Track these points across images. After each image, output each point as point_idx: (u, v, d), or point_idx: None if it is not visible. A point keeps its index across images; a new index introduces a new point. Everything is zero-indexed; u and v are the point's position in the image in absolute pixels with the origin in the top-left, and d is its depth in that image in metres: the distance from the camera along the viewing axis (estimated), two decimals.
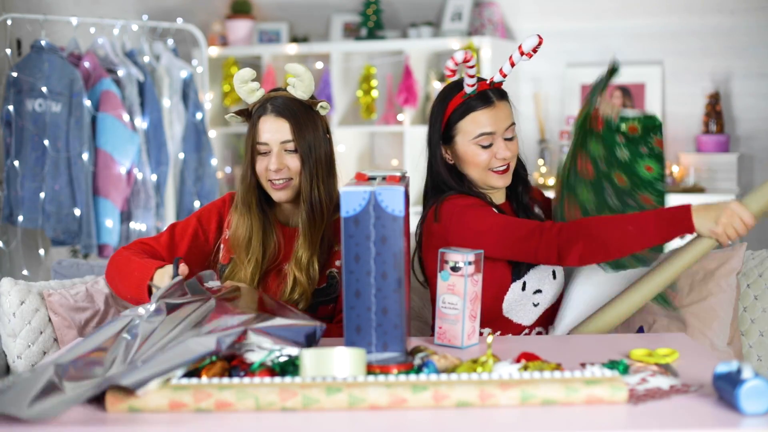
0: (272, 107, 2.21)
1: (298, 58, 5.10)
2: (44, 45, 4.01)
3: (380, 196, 1.69)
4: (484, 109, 2.23)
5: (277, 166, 2.19)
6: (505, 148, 2.24)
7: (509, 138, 2.26)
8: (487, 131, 2.23)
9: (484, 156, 2.24)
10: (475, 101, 2.23)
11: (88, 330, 2.40)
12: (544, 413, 1.46)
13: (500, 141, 2.24)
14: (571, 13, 4.86)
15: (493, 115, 2.23)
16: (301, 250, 2.19)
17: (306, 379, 1.53)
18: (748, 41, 4.61)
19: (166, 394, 1.49)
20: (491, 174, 2.26)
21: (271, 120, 2.20)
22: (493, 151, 2.24)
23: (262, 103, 2.24)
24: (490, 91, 2.24)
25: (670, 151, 4.76)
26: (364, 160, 5.24)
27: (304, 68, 2.21)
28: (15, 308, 2.35)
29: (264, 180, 2.23)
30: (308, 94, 2.24)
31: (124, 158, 4.14)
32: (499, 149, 2.24)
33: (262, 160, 2.22)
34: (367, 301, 1.70)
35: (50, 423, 1.46)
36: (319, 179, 2.22)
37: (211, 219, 2.33)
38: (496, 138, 2.24)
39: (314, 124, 2.23)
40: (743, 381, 1.43)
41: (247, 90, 2.24)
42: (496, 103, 2.23)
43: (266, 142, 2.20)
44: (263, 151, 2.22)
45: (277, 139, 2.20)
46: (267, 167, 2.21)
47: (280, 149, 2.20)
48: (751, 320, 2.42)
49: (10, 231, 4.27)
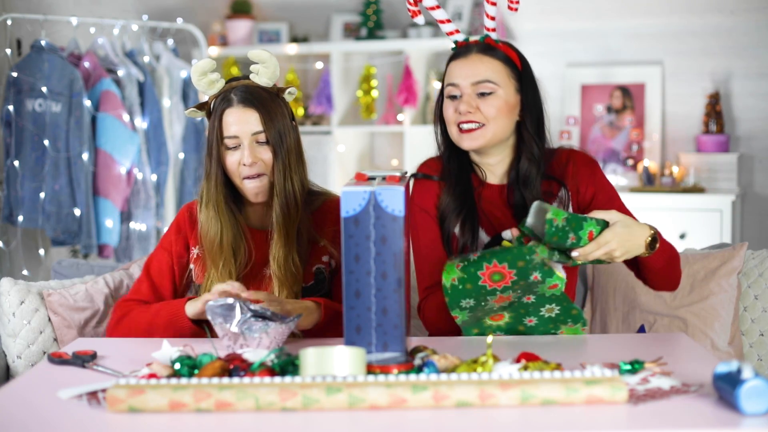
0: (237, 98, 2.10)
1: (298, 58, 5.10)
2: (44, 45, 4.01)
3: (380, 196, 1.69)
4: (457, 60, 2.10)
5: (252, 159, 2.08)
6: (468, 102, 2.06)
7: (483, 93, 2.07)
8: (452, 82, 2.09)
9: (449, 110, 2.10)
10: (455, 53, 2.13)
11: (88, 330, 2.40)
12: (544, 413, 1.46)
13: (466, 93, 2.07)
14: (571, 13, 4.86)
15: (463, 65, 2.09)
16: (276, 248, 2.11)
17: (306, 379, 1.53)
18: (748, 41, 4.61)
19: (166, 394, 1.49)
20: (456, 132, 2.10)
21: (238, 111, 2.09)
22: (456, 105, 2.09)
23: (224, 94, 2.12)
24: (475, 45, 2.11)
25: (670, 151, 4.76)
26: (364, 160, 5.24)
27: (269, 54, 2.11)
28: (15, 308, 2.35)
29: (237, 178, 2.12)
30: (273, 81, 2.14)
31: (124, 158, 4.14)
32: (461, 102, 2.07)
33: (232, 155, 2.11)
34: (367, 301, 1.70)
35: (50, 422, 1.46)
36: (291, 169, 2.13)
37: (178, 244, 2.22)
38: (463, 89, 2.08)
39: (282, 112, 2.14)
40: (743, 381, 1.43)
41: (206, 82, 2.12)
42: (472, 55, 2.09)
43: (235, 134, 2.09)
44: (232, 145, 2.10)
45: (248, 130, 2.09)
46: (240, 162, 2.10)
47: (251, 141, 2.10)
48: (752, 320, 2.42)
49: (10, 231, 4.27)
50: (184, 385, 1.51)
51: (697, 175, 4.56)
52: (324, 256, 2.18)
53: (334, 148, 4.95)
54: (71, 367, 1.81)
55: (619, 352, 1.83)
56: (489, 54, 2.09)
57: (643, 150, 4.75)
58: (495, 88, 2.07)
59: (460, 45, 2.14)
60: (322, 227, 2.19)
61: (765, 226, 4.63)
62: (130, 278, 2.56)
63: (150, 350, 1.88)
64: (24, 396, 1.61)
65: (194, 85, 2.14)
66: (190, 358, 1.66)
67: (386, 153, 5.25)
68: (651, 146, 4.74)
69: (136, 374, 1.73)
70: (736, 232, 4.46)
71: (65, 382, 1.68)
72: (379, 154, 5.29)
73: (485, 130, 2.07)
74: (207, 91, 2.13)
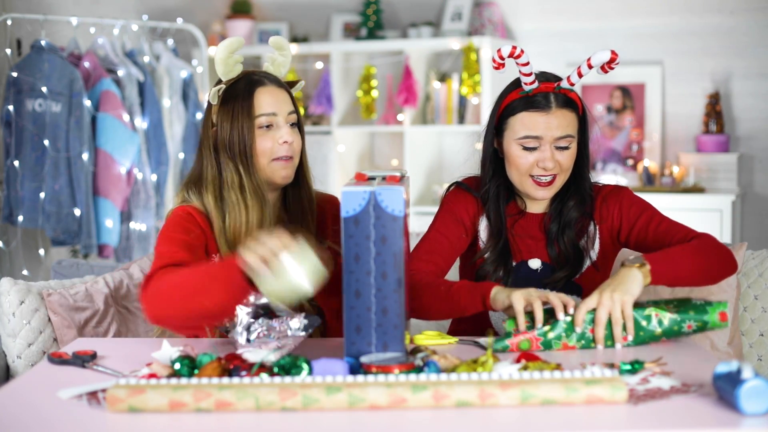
0: (269, 78, 2.07)
1: (298, 58, 5.10)
2: (44, 45, 4.00)
3: (380, 196, 1.69)
4: (539, 112, 2.06)
5: (291, 137, 2.02)
6: (551, 157, 2.07)
7: (562, 147, 2.08)
8: (533, 134, 2.07)
9: (525, 159, 2.08)
10: (533, 100, 2.07)
11: (88, 330, 2.40)
12: (544, 413, 1.46)
13: (548, 147, 2.07)
14: (571, 13, 4.86)
15: (546, 121, 2.06)
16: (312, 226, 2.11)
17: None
18: (748, 41, 4.61)
19: (166, 394, 1.49)
20: (530, 181, 2.10)
21: (273, 90, 2.05)
22: (536, 157, 2.07)
23: (249, 75, 2.06)
24: (553, 94, 2.07)
25: (670, 151, 4.76)
26: (364, 160, 5.24)
27: (288, 43, 2.07)
28: (15, 308, 2.34)
29: (266, 159, 2.03)
30: (287, 71, 2.13)
31: (124, 158, 4.14)
32: (545, 156, 2.07)
33: (265, 135, 2.03)
34: (367, 301, 1.70)
35: (50, 422, 1.46)
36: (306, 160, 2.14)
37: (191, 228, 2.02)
38: (543, 144, 2.07)
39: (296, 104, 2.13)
40: (743, 381, 1.43)
41: (232, 62, 2.04)
42: (554, 110, 2.06)
43: (274, 112, 2.03)
44: (266, 123, 2.02)
45: (285, 109, 2.04)
46: (277, 141, 2.02)
47: (287, 120, 2.05)
48: (752, 320, 2.42)
49: (10, 231, 4.27)
50: (184, 385, 1.51)
51: (697, 175, 4.56)
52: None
53: (334, 148, 4.95)
54: (71, 367, 1.80)
55: (619, 352, 1.83)
56: (568, 108, 2.09)
57: (643, 150, 4.75)
58: (572, 141, 2.10)
59: (537, 91, 2.08)
60: (322, 225, 2.20)
61: (765, 226, 4.63)
62: (130, 278, 2.56)
63: (150, 350, 1.88)
64: (24, 396, 1.61)
65: (217, 65, 2.04)
66: (190, 358, 1.66)
67: (386, 153, 5.25)
68: (651, 146, 4.74)
69: (136, 374, 1.73)
70: (736, 232, 4.46)
71: (65, 382, 1.68)
72: (379, 154, 5.29)
73: (558, 180, 2.11)
74: (228, 72, 2.05)
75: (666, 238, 2.09)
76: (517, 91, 2.10)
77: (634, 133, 4.75)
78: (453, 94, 4.84)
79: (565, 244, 2.16)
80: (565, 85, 2.07)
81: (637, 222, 2.14)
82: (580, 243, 2.16)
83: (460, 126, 4.80)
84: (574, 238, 2.15)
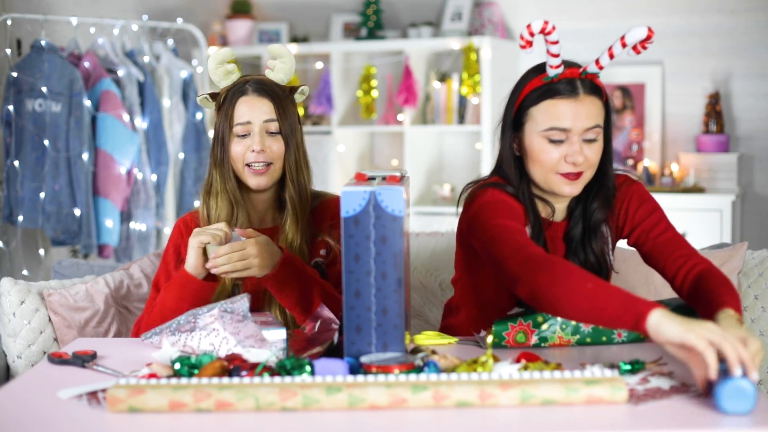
0: (252, 88, 2.12)
1: (298, 58, 5.10)
2: (44, 45, 4.00)
3: (380, 196, 1.69)
4: (564, 100, 1.88)
5: (260, 147, 2.08)
6: (579, 150, 1.87)
7: (590, 140, 1.89)
8: (560, 126, 1.88)
9: (551, 154, 1.89)
10: (557, 87, 1.89)
11: (88, 330, 2.40)
12: (544, 413, 1.46)
13: (576, 140, 1.88)
14: (571, 13, 4.86)
15: (573, 109, 1.87)
16: (290, 232, 2.12)
17: (306, 380, 1.54)
18: (748, 41, 4.61)
19: (166, 394, 1.49)
20: (557, 177, 1.91)
21: (251, 99, 2.10)
22: (563, 151, 1.89)
23: (238, 84, 2.12)
24: (579, 80, 1.90)
25: (670, 151, 4.76)
26: (364, 160, 5.24)
27: (288, 50, 2.13)
28: (15, 308, 2.34)
29: (240, 165, 2.11)
30: (288, 78, 2.16)
31: (124, 158, 4.13)
32: (573, 150, 1.88)
33: (240, 142, 2.10)
34: (367, 301, 1.70)
35: (50, 422, 1.46)
36: (301, 164, 2.15)
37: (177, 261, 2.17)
38: (571, 136, 1.88)
39: (293, 110, 2.15)
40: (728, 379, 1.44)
41: (223, 72, 2.13)
42: (581, 96, 1.88)
43: (248, 120, 2.09)
44: (242, 132, 2.10)
45: (260, 118, 2.09)
46: (248, 149, 2.09)
47: (261, 129, 2.10)
48: (752, 320, 2.42)
49: (10, 231, 4.27)
50: (184, 385, 1.51)
51: (697, 175, 4.56)
52: (321, 250, 2.19)
53: (334, 148, 4.95)
54: (71, 367, 1.80)
55: (619, 352, 1.83)
56: (596, 95, 1.91)
57: (643, 150, 4.75)
58: (600, 132, 1.92)
59: (561, 77, 1.91)
60: (320, 224, 2.21)
61: (765, 226, 4.63)
62: (130, 278, 2.56)
63: (150, 350, 1.88)
64: (24, 396, 1.61)
65: (210, 74, 2.13)
66: (190, 358, 1.66)
67: (386, 153, 5.25)
68: (651, 146, 4.74)
69: (136, 374, 1.73)
70: (736, 232, 4.46)
71: (65, 382, 1.68)
72: (379, 154, 5.29)
73: (585, 176, 1.92)
74: (221, 81, 2.13)
75: (664, 253, 1.95)
76: (538, 78, 1.93)
77: (634, 133, 4.75)
78: (453, 94, 4.84)
79: (592, 253, 2.01)
80: (593, 69, 1.91)
81: (641, 224, 2.01)
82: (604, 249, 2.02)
83: (460, 126, 4.80)
84: (601, 248, 2.00)
